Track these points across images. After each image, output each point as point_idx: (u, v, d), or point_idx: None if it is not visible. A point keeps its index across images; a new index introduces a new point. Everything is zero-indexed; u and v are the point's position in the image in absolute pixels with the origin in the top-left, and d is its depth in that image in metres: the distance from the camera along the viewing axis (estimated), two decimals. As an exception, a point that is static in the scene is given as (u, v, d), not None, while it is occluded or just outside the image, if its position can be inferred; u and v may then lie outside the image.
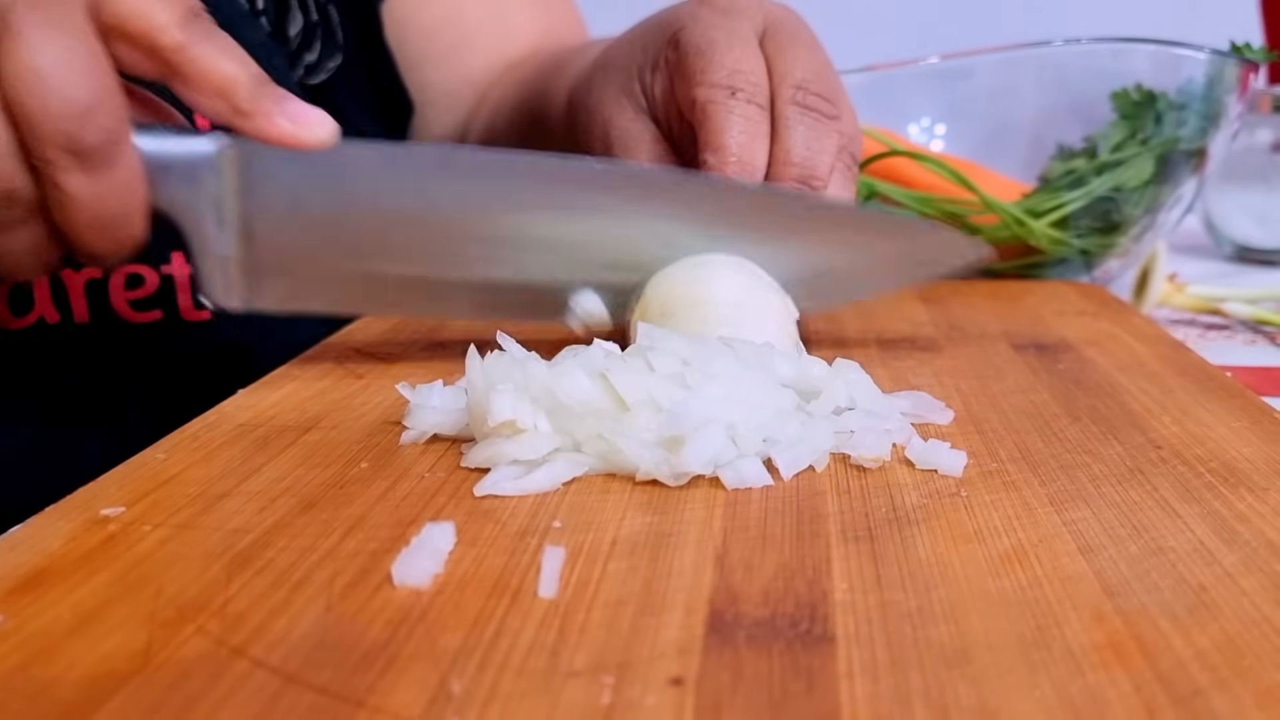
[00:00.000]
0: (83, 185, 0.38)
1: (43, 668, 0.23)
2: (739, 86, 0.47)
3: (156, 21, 0.39)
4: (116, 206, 0.39)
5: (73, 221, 0.39)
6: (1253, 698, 0.22)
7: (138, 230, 0.41)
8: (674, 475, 0.33)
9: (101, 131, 0.38)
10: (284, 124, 0.41)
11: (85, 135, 0.37)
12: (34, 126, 0.37)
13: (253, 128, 0.41)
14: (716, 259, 0.45)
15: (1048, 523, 0.30)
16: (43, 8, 0.37)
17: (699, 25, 0.49)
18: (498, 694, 0.22)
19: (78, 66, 0.37)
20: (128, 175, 0.39)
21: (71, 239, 0.40)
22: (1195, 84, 0.66)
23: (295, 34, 0.63)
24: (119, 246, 0.41)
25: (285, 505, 0.32)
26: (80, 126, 0.37)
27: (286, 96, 0.41)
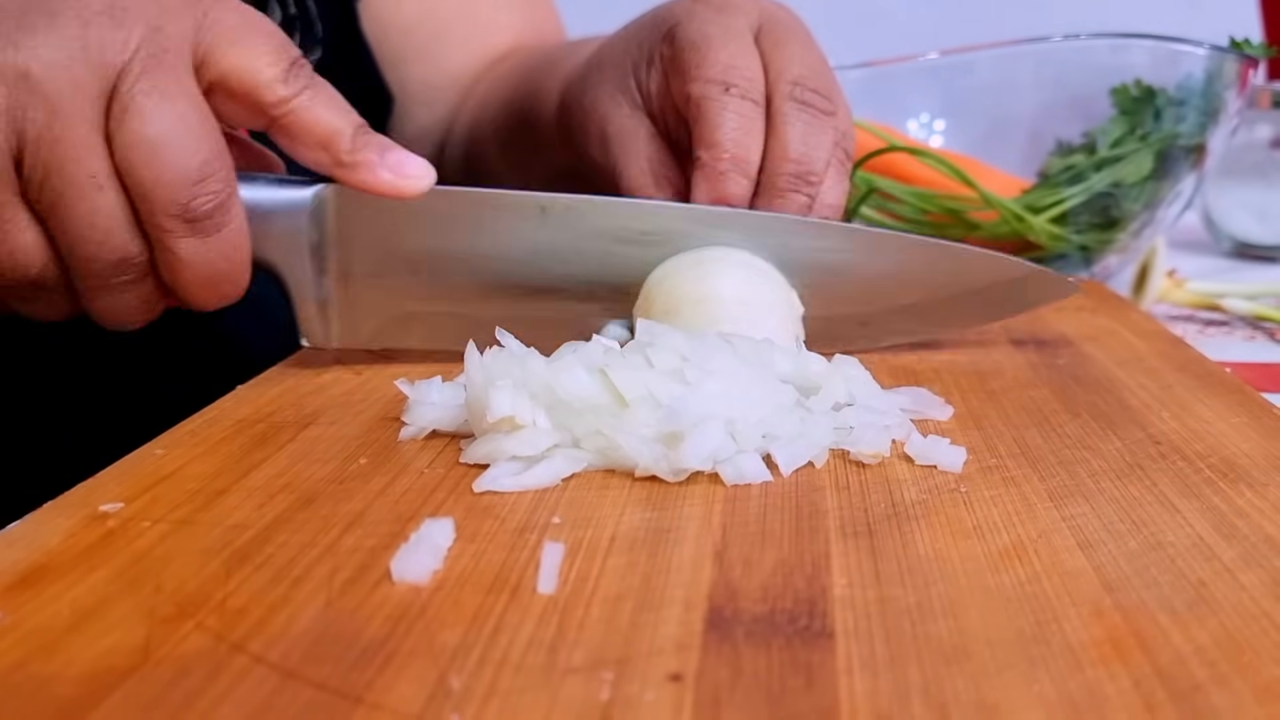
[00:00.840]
0: (193, 248, 0.39)
1: (42, 664, 0.23)
2: (733, 82, 0.47)
3: (261, 79, 0.40)
4: (224, 265, 0.41)
5: (182, 281, 0.40)
6: (1252, 693, 0.22)
7: (242, 284, 0.42)
8: (673, 471, 0.33)
9: (213, 197, 0.39)
10: (387, 175, 0.41)
11: (197, 203, 0.38)
12: (148, 196, 0.38)
13: (355, 179, 0.42)
14: (719, 253, 0.45)
15: (1047, 518, 0.30)
16: (151, 74, 0.37)
17: (694, 21, 0.49)
18: (497, 690, 0.22)
19: (190, 134, 0.38)
20: (235, 235, 0.40)
21: (179, 295, 0.41)
22: (1194, 80, 0.66)
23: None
24: (223, 300, 0.42)
25: (284, 501, 0.32)
26: (193, 195, 0.38)
27: (387, 144, 0.42)
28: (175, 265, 0.40)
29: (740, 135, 0.47)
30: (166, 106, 0.38)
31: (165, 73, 0.38)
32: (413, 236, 0.45)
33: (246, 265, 0.42)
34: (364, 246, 0.44)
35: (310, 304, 0.44)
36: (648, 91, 0.51)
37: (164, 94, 0.38)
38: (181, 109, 0.38)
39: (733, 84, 0.47)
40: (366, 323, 0.46)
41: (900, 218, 0.70)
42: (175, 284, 0.41)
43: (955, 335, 0.51)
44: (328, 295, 0.45)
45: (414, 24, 0.74)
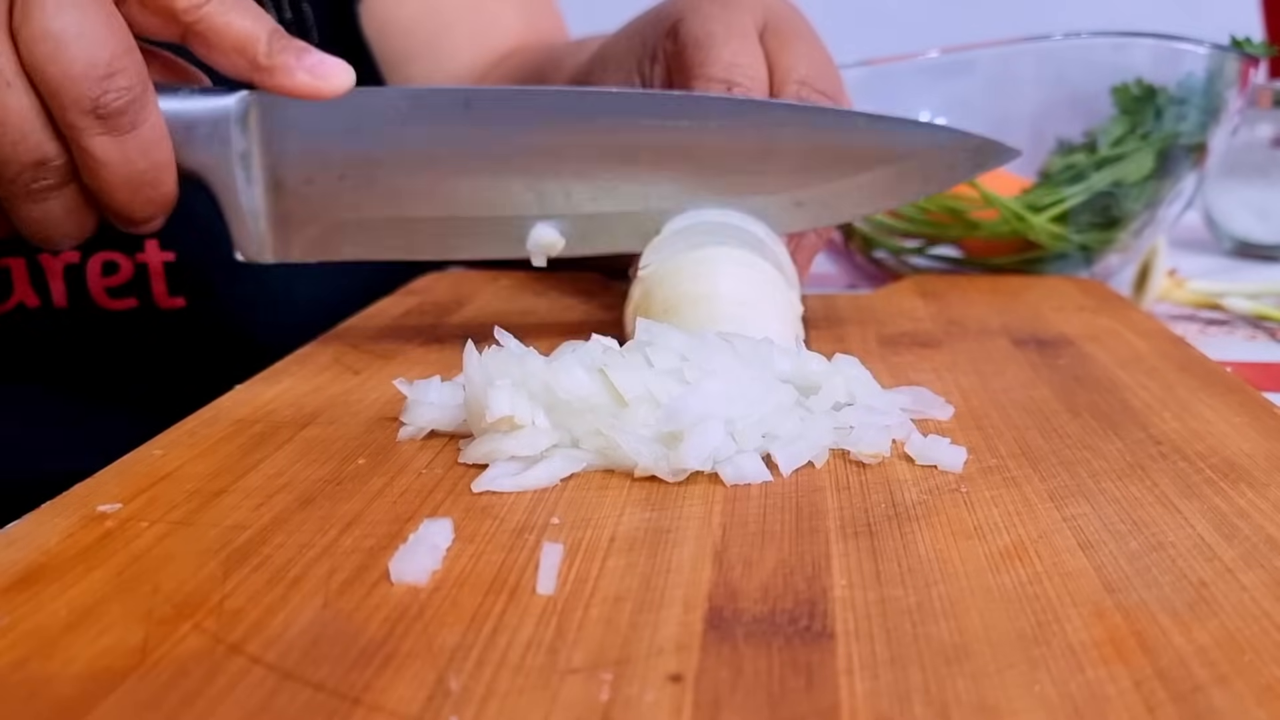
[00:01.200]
0: (110, 147, 0.39)
1: (39, 664, 0.23)
2: (736, 80, 0.47)
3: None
4: (145, 166, 0.40)
5: (104, 184, 0.40)
6: (1253, 694, 0.22)
7: (168, 189, 0.41)
8: (672, 471, 0.33)
9: (124, 92, 0.38)
10: (304, 77, 0.41)
11: (108, 98, 0.38)
12: (57, 92, 0.37)
13: (273, 82, 0.41)
14: (719, 252, 0.45)
15: (1048, 518, 0.30)
16: None
17: (698, 17, 0.49)
18: (495, 691, 0.22)
19: (96, 29, 0.38)
20: (153, 134, 0.40)
21: (105, 202, 0.41)
22: (1195, 78, 0.66)
23: None
24: (152, 206, 0.41)
25: (282, 501, 0.31)
26: (103, 89, 0.38)
27: (304, 48, 0.42)
28: (94, 166, 0.39)
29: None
30: (71, 2, 0.37)
31: None
32: (338, 141, 0.44)
33: (170, 170, 0.41)
34: (292, 153, 0.44)
35: (242, 215, 0.44)
36: (651, 87, 0.51)
37: None
38: (85, 4, 0.37)
39: (736, 82, 0.47)
40: (301, 234, 0.45)
41: (900, 216, 0.70)
42: (97, 188, 0.40)
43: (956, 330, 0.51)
44: (259, 206, 0.44)
45: (416, 22, 0.74)
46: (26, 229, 0.41)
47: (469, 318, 0.56)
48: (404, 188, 0.45)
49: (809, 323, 0.47)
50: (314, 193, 0.44)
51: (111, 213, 0.42)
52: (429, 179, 0.45)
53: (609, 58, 0.54)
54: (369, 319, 0.55)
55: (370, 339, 0.51)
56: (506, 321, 0.54)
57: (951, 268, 0.72)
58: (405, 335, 0.51)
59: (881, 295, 0.62)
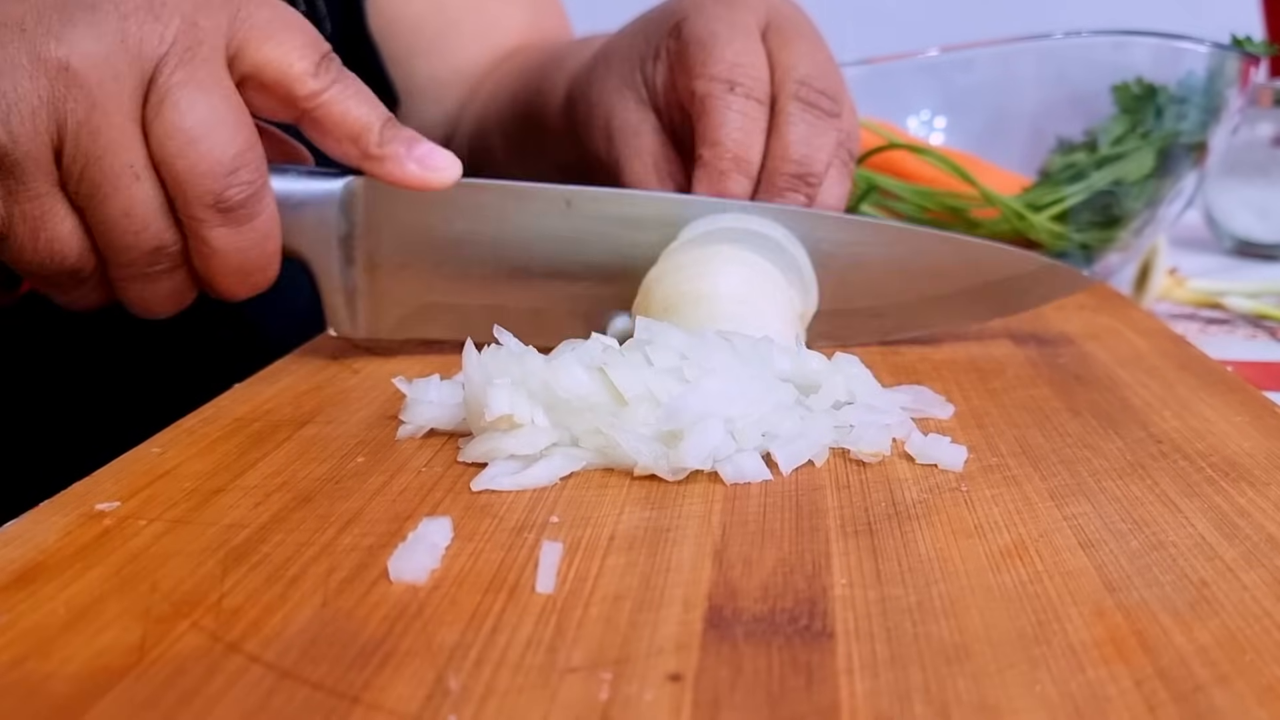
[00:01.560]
0: (226, 238, 0.40)
1: (37, 663, 0.23)
2: (739, 80, 0.47)
3: (293, 72, 0.41)
4: (256, 254, 0.41)
5: (214, 270, 0.41)
6: (1254, 693, 0.22)
7: (273, 273, 0.43)
8: (672, 470, 0.33)
9: (246, 187, 0.40)
10: (414, 168, 0.43)
11: (231, 193, 0.39)
12: (182, 186, 0.39)
13: (382, 171, 0.43)
14: (719, 250, 0.45)
15: (1048, 518, 0.30)
16: (187, 67, 0.38)
17: (701, 16, 0.49)
18: (495, 690, 0.22)
19: (224, 126, 0.39)
20: (267, 225, 0.41)
21: (210, 284, 0.42)
22: (1196, 77, 0.66)
23: None
24: (253, 289, 0.43)
25: (281, 500, 0.31)
26: (227, 185, 0.39)
27: (415, 138, 0.43)
28: (208, 254, 0.41)
29: (742, 135, 0.47)
30: (202, 98, 0.38)
31: (200, 65, 0.39)
32: (439, 228, 0.45)
33: (277, 255, 0.43)
34: (391, 237, 0.45)
35: (338, 294, 0.45)
36: (653, 86, 0.51)
37: (199, 86, 0.39)
38: (216, 101, 0.39)
39: (738, 82, 0.47)
40: (392, 312, 0.46)
41: (901, 215, 0.70)
42: (207, 272, 0.42)
43: (967, 328, 0.51)
44: (355, 285, 0.45)
45: (423, 19, 0.74)
46: (129, 303, 0.42)
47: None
48: (497, 278, 0.46)
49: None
50: (410, 276, 0.46)
51: (212, 292, 0.43)
52: (523, 272, 0.46)
53: (611, 56, 0.54)
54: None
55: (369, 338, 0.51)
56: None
57: (951, 266, 0.72)
58: (405, 334, 0.51)
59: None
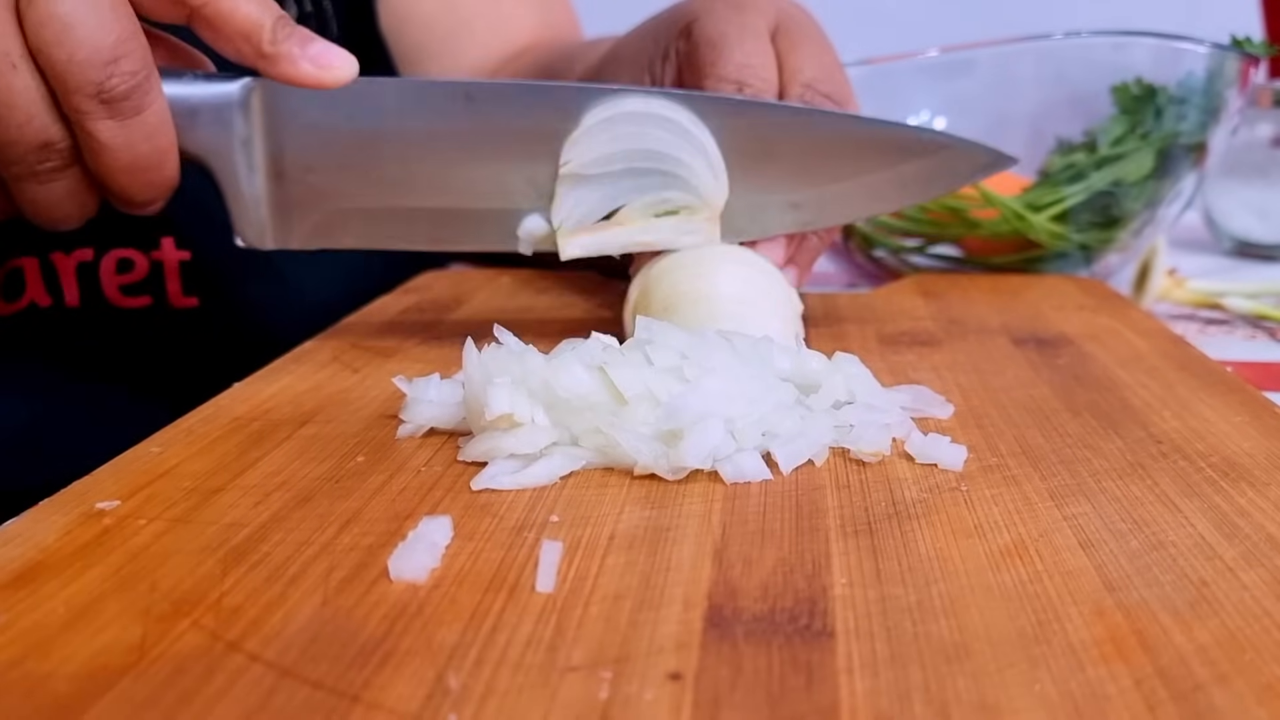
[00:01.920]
0: (114, 131, 0.39)
1: (37, 662, 0.23)
2: (747, 82, 0.47)
3: None
4: (148, 150, 0.40)
5: (107, 167, 0.40)
6: (1253, 693, 0.22)
7: (170, 173, 0.42)
8: (672, 469, 0.33)
9: (128, 77, 0.38)
10: (307, 66, 0.41)
11: (112, 83, 0.38)
12: (63, 76, 0.38)
13: (277, 70, 0.41)
14: (719, 250, 0.45)
15: (1048, 517, 0.30)
16: None
17: (712, 18, 0.49)
18: (495, 689, 0.22)
19: (101, 13, 0.38)
20: (156, 119, 0.40)
21: (107, 184, 0.41)
22: (1195, 78, 0.66)
23: None
24: (153, 190, 0.42)
25: (281, 499, 0.31)
26: (107, 74, 0.38)
27: (309, 37, 0.42)
28: (97, 150, 0.40)
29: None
30: None
31: None
32: (341, 128, 0.44)
33: (173, 154, 0.42)
34: (293, 141, 0.44)
35: (243, 201, 0.44)
36: (662, 86, 0.51)
37: None
38: None
39: (746, 83, 0.47)
40: (301, 221, 0.45)
41: (900, 215, 0.70)
42: (100, 171, 0.40)
43: (955, 329, 0.51)
44: (260, 192, 0.44)
45: (434, 18, 0.74)
46: (28, 209, 0.41)
47: (468, 315, 0.55)
48: (403, 178, 0.45)
49: (809, 321, 0.47)
50: (315, 180, 0.45)
51: (112, 195, 0.42)
52: (428, 170, 0.45)
53: (621, 57, 0.54)
54: (368, 316, 0.55)
55: (369, 336, 0.51)
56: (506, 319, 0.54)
57: (951, 266, 0.72)
58: (404, 333, 0.51)
59: (881, 294, 0.62)
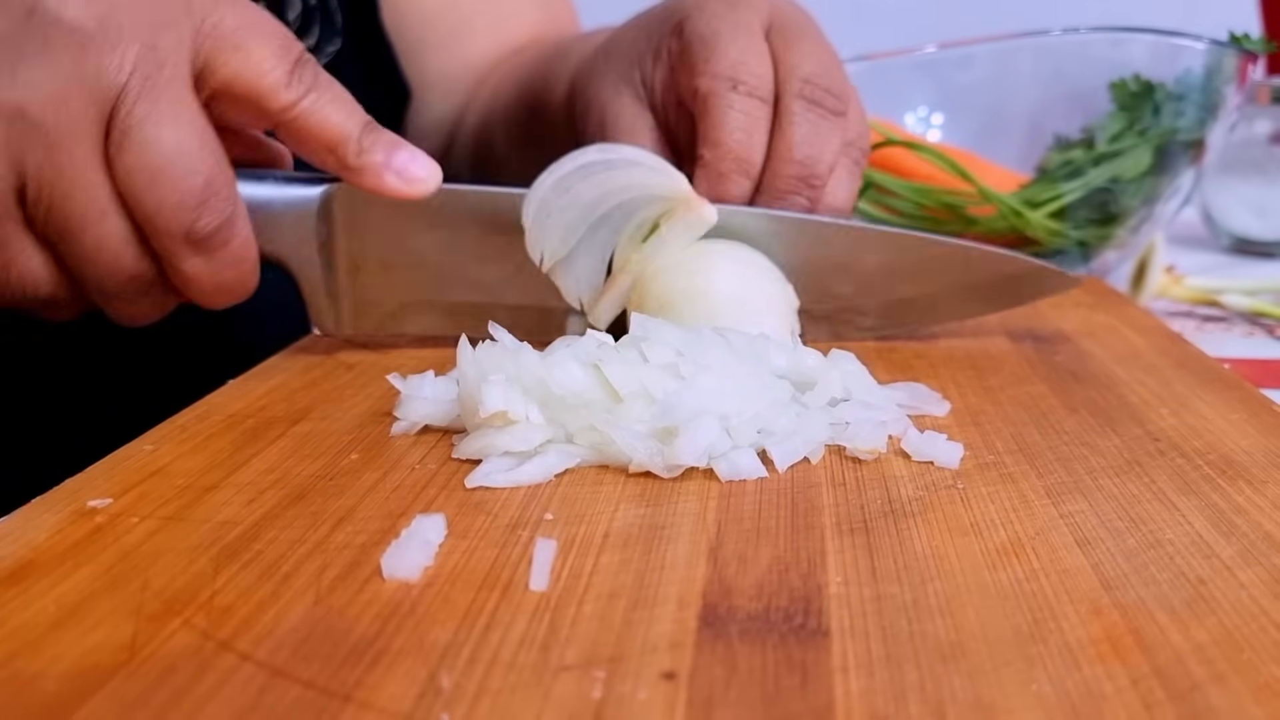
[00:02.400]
0: (201, 266, 0.40)
1: (27, 661, 0.23)
2: (741, 79, 0.47)
3: (264, 84, 0.39)
4: (232, 275, 0.41)
5: (192, 294, 0.41)
6: (1250, 692, 0.21)
7: (252, 286, 0.43)
8: (667, 467, 0.32)
9: (216, 216, 0.39)
10: (392, 179, 0.42)
11: (201, 224, 0.39)
12: (152, 221, 0.38)
13: (361, 182, 0.42)
14: (715, 247, 0.44)
15: (1045, 515, 0.30)
16: (148, 97, 0.37)
17: (704, 15, 0.49)
18: (488, 688, 0.22)
19: (189, 158, 0.38)
20: (241, 249, 0.41)
21: (193, 300, 0.42)
22: (1193, 75, 0.66)
23: (294, 19, 0.63)
24: (234, 301, 0.43)
25: (274, 497, 0.31)
26: (196, 217, 0.39)
27: (394, 144, 0.42)
28: (183, 282, 0.41)
29: (744, 135, 0.47)
30: (166, 130, 0.37)
31: (162, 93, 0.38)
32: (419, 233, 0.46)
33: (255, 272, 0.42)
34: (372, 242, 0.46)
35: (320, 296, 0.45)
36: (651, 84, 0.51)
37: (162, 117, 0.37)
38: (181, 132, 0.38)
39: (740, 81, 0.47)
40: (375, 310, 0.47)
41: (898, 212, 0.70)
42: (185, 294, 0.42)
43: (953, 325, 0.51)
44: (337, 287, 0.46)
45: (436, 14, 0.74)
46: (111, 314, 0.42)
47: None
48: (478, 277, 0.47)
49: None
50: (391, 277, 0.46)
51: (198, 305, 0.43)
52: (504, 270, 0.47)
53: (613, 52, 0.54)
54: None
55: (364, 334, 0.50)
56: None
57: (948, 264, 0.71)
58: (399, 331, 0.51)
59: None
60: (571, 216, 0.44)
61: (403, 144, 0.42)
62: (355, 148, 0.41)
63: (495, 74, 0.74)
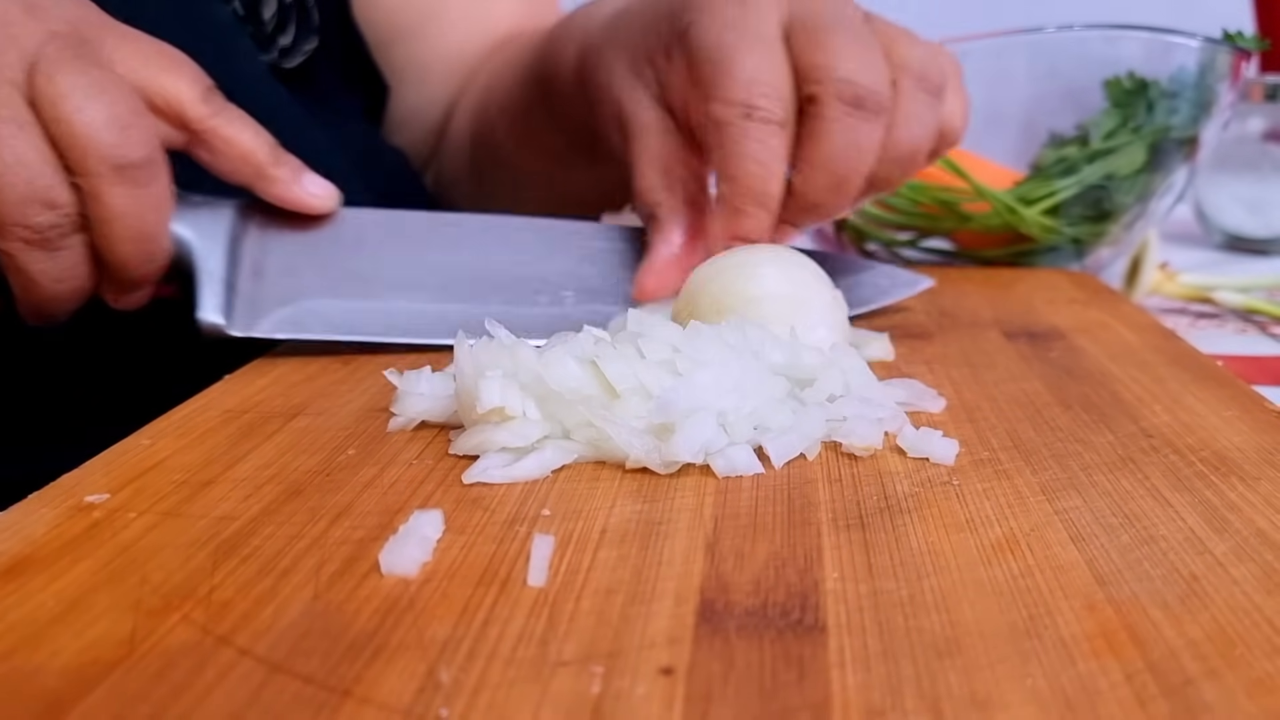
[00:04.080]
0: (126, 199, 0.41)
1: (26, 656, 0.23)
2: (756, 105, 0.44)
3: (184, 96, 0.43)
4: (154, 220, 0.42)
5: (115, 235, 0.42)
6: (1243, 687, 0.22)
7: (166, 244, 0.44)
8: (664, 463, 0.33)
9: (142, 146, 0.41)
10: (299, 191, 0.46)
11: (128, 149, 0.40)
12: (78, 140, 0.39)
13: (273, 192, 0.46)
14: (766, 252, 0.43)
15: (1039, 511, 0.30)
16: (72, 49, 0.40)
17: (713, 21, 0.45)
18: (486, 683, 0.22)
19: (117, 89, 0.40)
20: (162, 194, 0.42)
21: (108, 255, 0.42)
22: (1187, 72, 0.66)
23: (269, 17, 0.63)
24: (150, 262, 0.43)
25: (272, 492, 0.31)
26: (123, 139, 0.40)
27: (301, 166, 0.46)
28: (107, 219, 0.41)
29: (760, 168, 0.44)
30: (90, 69, 0.40)
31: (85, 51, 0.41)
32: (324, 244, 0.48)
33: (167, 237, 0.43)
34: (279, 249, 0.47)
35: (216, 284, 0.46)
36: (666, 83, 0.48)
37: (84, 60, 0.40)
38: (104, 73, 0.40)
39: (755, 107, 0.44)
40: (270, 314, 0.47)
41: (892, 209, 0.70)
42: (105, 240, 0.42)
43: (948, 322, 0.51)
44: (236, 285, 0.46)
45: (407, 2, 0.73)
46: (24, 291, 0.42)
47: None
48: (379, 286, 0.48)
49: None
50: (292, 282, 0.47)
51: (111, 267, 0.43)
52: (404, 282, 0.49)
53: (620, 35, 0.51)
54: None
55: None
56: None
57: (944, 260, 0.72)
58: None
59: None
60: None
61: (306, 167, 0.47)
62: (269, 158, 0.45)
63: (487, 65, 0.73)
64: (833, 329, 0.42)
